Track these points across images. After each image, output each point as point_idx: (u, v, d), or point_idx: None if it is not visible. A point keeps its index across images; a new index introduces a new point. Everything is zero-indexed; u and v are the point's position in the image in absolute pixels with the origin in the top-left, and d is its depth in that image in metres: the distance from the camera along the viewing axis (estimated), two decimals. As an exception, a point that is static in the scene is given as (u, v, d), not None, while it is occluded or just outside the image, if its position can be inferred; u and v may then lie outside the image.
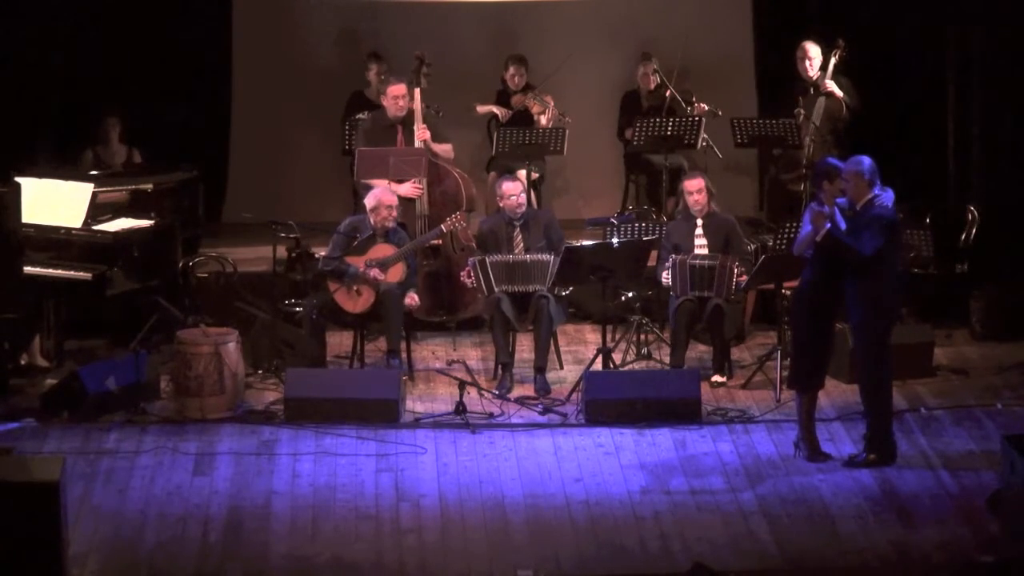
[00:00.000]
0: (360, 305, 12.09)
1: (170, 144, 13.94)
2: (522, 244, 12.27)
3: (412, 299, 12.13)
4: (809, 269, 10.57)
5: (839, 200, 10.41)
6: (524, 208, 12.39)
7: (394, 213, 12.13)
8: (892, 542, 9.56)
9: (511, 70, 14.37)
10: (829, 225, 10.29)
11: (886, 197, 10.47)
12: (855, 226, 10.29)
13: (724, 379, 12.15)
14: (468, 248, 12.84)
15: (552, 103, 14.07)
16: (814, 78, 13.94)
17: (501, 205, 12.39)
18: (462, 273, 12.31)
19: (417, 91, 13.05)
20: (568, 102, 14.19)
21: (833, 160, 10.73)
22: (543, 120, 14.02)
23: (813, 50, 13.98)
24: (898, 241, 10.73)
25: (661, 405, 11.37)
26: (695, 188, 12.27)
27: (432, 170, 12.93)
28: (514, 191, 12.31)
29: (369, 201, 12.16)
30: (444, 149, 13.08)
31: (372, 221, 12.11)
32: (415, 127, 12.97)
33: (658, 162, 14.07)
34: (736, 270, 11.98)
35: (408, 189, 12.79)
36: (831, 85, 13.86)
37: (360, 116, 13.81)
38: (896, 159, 14.22)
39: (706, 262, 12.06)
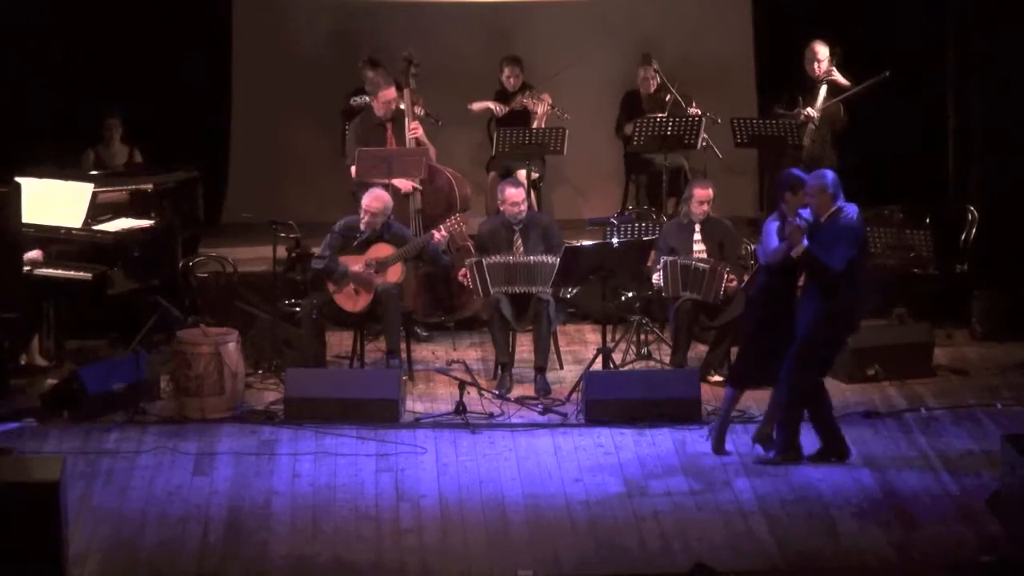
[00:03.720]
0: (359, 305, 12.09)
1: (170, 144, 13.94)
2: (522, 248, 12.26)
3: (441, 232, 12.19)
4: (766, 276, 10.57)
5: (803, 212, 10.40)
6: (525, 213, 12.38)
7: (377, 220, 12.03)
8: (892, 542, 9.57)
9: (506, 71, 14.37)
10: (807, 241, 10.25)
11: (850, 209, 10.44)
12: (820, 239, 10.28)
13: (722, 379, 12.15)
14: (464, 248, 12.84)
15: (549, 100, 14.07)
16: (822, 77, 13.97)
17: (502, 209, 12.37)
18: (459, 274, 12.32)
19: (407, 91, 13.06)
20: (567, 102, 14.19)
21: (797, 171, 10.71)
22: (540, 113, 14.01)
23: (822, 51, 13.99)
24: (864, 254, 10.69)
25: (661, 405, 11.37)
26: (706, 198, 12.28)
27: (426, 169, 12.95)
28: (517, 198, 12.30)
29: (364, 201, 12.17)
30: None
31: (360, 223, 12.13)
32: (406, 125, 12.97)
33: (658, 162, 14.08)
34: (727, 276, 11.98)
35: (402, 182, 12.80)
36: (836, 74, 13.90)
37: (356, 100, 13.82)
38: (896, 159, 14.28)
39: (698, 264, 12.06)
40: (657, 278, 12.23)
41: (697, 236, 12.34)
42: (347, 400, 11.40)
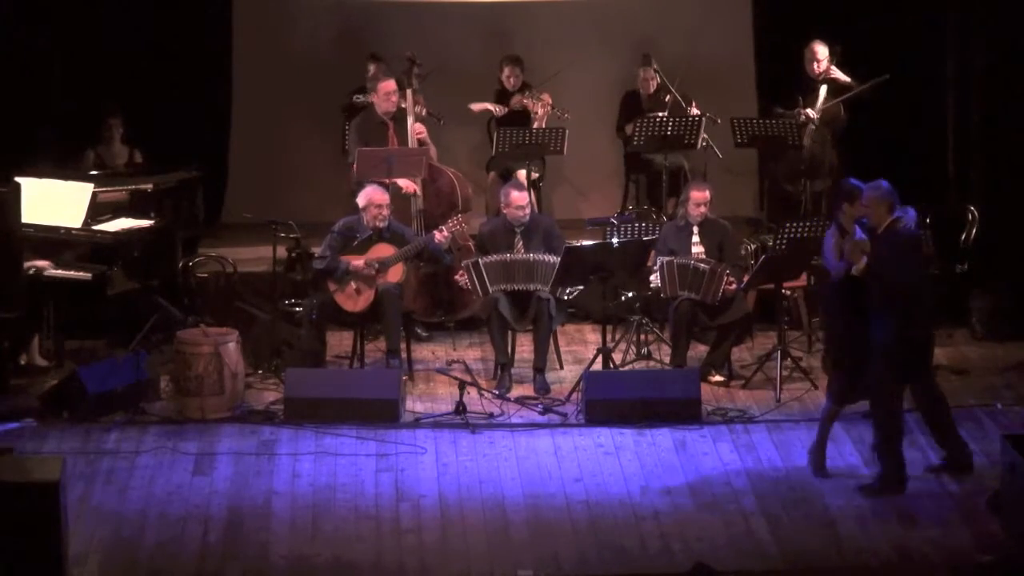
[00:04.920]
0: (360, 305, 12.09)
1: (170, 144, 13.94)
2: (523, 250, 12.24)
3: (443, 233, 12.16)
4: (830, 290, 10.39)
5: (862, 220, 10.25)
6: (528, 217, 12.37)
7: (384, 212, 12.12)
8: (892, 542, 9.57)
9: (506, 71, 14.37)
10: (865, 259, 10.06)
11: (908, 218, 10.29)
12: (878, 250, 10.07)
13: (723, 378, 12.16)
14: (465, 248, 12.84)
15: (549, 100, 14.07)
16: (821, 77, 13.98)
17: (505, 212, 12.35)
18: (456, 276, 12.32)
19: (409, 92, 13.07)
20: (567, 102, 14.19)
21: (855, 181, 10.50)
22: (539, 113, 14.01)
23: (822, 51, 13.99)
24: (923, 260, 10.48)
25: (661, 405, 11.36)
26: (703, 200, 12.26)
27: (427, 169, 12.95)
28: (522, 201, 12.29)
29: (360, 200, 12.20)
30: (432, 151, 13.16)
31: (364, 220, 12.14)
32: (409, 125, 12.98)
33: (658, 162, 14.07)
34: (727, 278, 11.97)
35: (404, 182, 12.81)
36: (836, 71, 13.91)
37: (358, 97, 13.85)
38: (896, 159, 14.27)
39: (698, 264, 12.04)
40: (655, 279, 12.23)
41: (696, 238, 12.33)
42: (347, 400, 11.40)
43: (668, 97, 14.16)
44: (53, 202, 12.26)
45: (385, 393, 11.44)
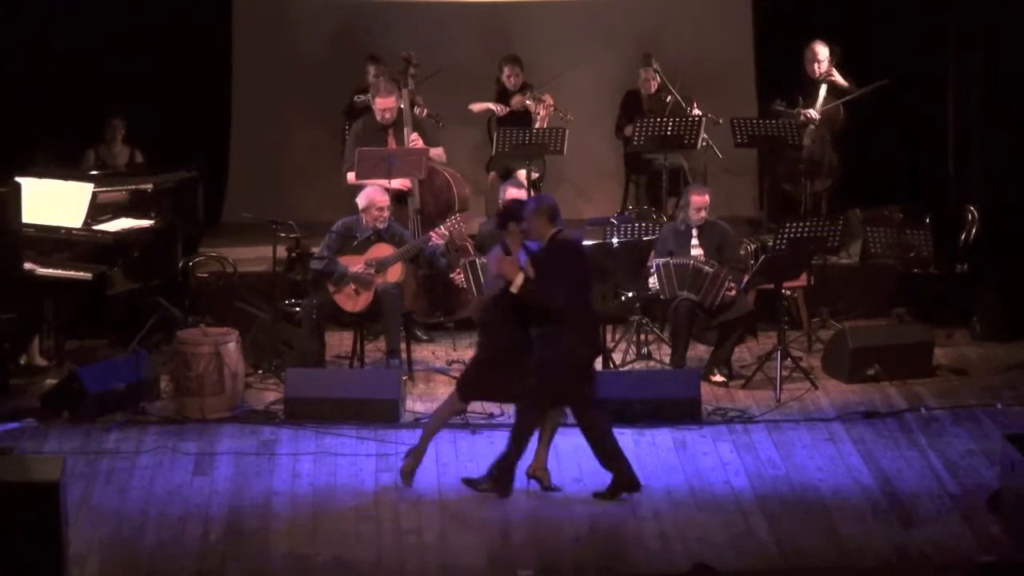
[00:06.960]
0: (359, 305, 12.09)
1: (171, 144, 13.94)
2: (523, 251, 12.25)
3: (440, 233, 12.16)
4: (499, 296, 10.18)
5: (531, 244, 10.04)
6: (529, 218, 12.36)
7: (385, 213, 12.12)
8: (892, 542, 9.56)
9: (506, 70, 14.37)
10: (521, 276, 9.90)
11: (568, 236, 10.12)
12: (539, 265, 9.94)
13: (724, 379, 12.15)
14: (463, 248, 12.84)
15: (551, 101, 14.07)
16: (821, 77, 13.99)
17: (505, 212, 12.35)
18: (453, 273, 12.32)
19: (406, 92, 13.07)
20: (567, 102, 14.19)
21: (528, 201, 10.42)
22: (542, 114, 14.01)
23: (822, 51, 14.00)
24: (578, 278, 10.11)
25: (661, 405, 11.36)
26: (703, 204, 12.25)
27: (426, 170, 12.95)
28: None
29: (360, 201, 12.19)
30: (436, 152, 13.09)
31: (364, 221, 12.14)
32: (405, 132, 12.96)
33: (658, 162, 14.07)
34: (728, 283, 11.97)
35: (398, 184, 12.80)
36: (836, 74, 13.92)
37: (359, 97, 13.85)
38: (896, 160, 14.28)
39: (700, 265, 12.02)
40: (653, 281, 12.23)
41: (695, 240, 12.33)
42: (347, 400, 11.40)
43: (669, 97, 14.17)
44: (53, 202, 12.26)
45: (385, 393, 11.44)
